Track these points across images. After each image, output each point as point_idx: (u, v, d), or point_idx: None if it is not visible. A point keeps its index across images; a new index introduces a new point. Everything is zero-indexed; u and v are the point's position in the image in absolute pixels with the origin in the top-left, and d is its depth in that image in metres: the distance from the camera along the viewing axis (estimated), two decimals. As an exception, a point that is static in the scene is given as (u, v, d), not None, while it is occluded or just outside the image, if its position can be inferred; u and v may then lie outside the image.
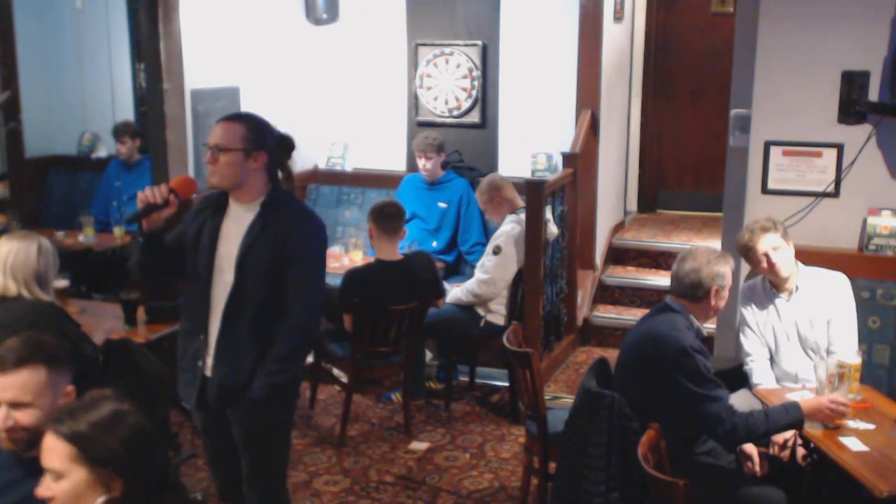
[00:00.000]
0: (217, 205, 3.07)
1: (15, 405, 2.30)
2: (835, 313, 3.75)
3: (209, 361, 3.04)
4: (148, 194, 2.92)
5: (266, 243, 2.95)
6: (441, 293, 4.93)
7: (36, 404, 2.32)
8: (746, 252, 3.77)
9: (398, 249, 4.81)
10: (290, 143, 3.20)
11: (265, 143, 3.00)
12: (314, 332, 3.13)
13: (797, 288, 3.78)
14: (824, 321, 3.75)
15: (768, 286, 3.84)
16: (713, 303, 3.29)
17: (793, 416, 3.15)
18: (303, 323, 3.00)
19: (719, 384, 3.16)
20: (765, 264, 3.73)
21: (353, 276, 4.69)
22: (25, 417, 2.31)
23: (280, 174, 3.12)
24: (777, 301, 3.81)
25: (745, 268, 4.22)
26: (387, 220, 4.73)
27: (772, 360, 3.83)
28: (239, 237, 2.99)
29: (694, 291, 3.28)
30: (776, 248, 3.71)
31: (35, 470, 2.33)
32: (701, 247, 3.41)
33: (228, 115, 3.13)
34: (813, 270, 3.82)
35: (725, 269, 3.28)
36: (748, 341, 3.85)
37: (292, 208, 3.05)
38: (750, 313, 3.87)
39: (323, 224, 3.13)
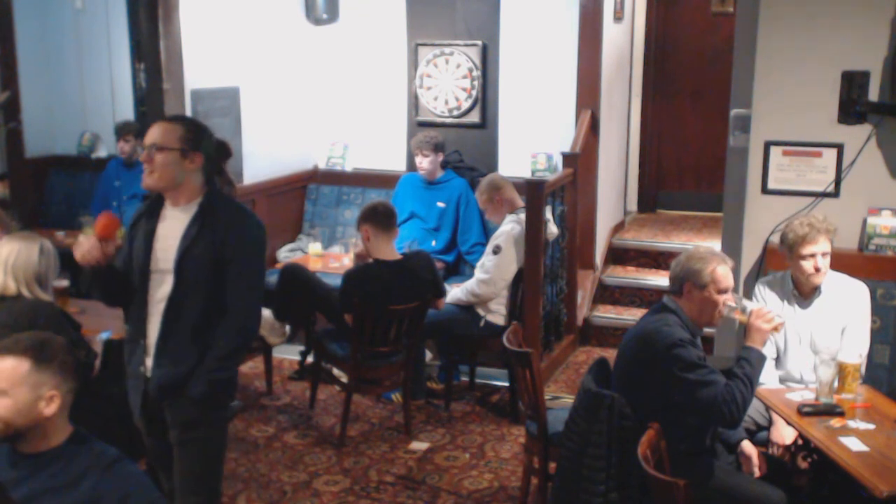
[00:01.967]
0: (151, 208, 3.06)
1: None
2: (850, 322, 3.73)
3: (149, 364, 3.03)
4: (82, 258, 2.93)
5: (204, 245, 2.95)
6: (441, 293, 4.93)
7: (9, 394, 2.30)
8: (797, 244, 3.67)
9: (395, 249, 4.81)
10: (228, 149, 3.22)
11: (202, 145, 3.01)
12: (254, 333, 3.16)
13: (819, 293, 3.77)
14: (839, 328, 3.73)
15: (791, 287, 3.81)
16: (690, 302, 3.25)
17: (757, 358, 3.16)
18: (243, 324, 3.01)
19: (713, 370, 3.15)
20: (811, 267, 3.68)
21: (353, 276, 4.69)
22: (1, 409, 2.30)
23: (219, 181, 3.11)
24: (796, 304, 3.79)
25: (745, 269, 4.22)
26: (383, 218, 4.72)
27: (777, 359, 3.82)
28: (175, 239, 2.98)
29: (672, 284, 3.32)
30: (826, 255, 3.69)
31: (35, 468, 2.33)
32: (703, 246, 3.41)
33: (167, 116, 3.13)
34: (836, 277, 3.79)
35: (703, 267, 3.22)
36: None
37: (230, 209, 3.04)
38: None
39: (262, 224, 3.12)
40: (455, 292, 5.16)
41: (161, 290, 2.99)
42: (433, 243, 5.98)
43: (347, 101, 6.80)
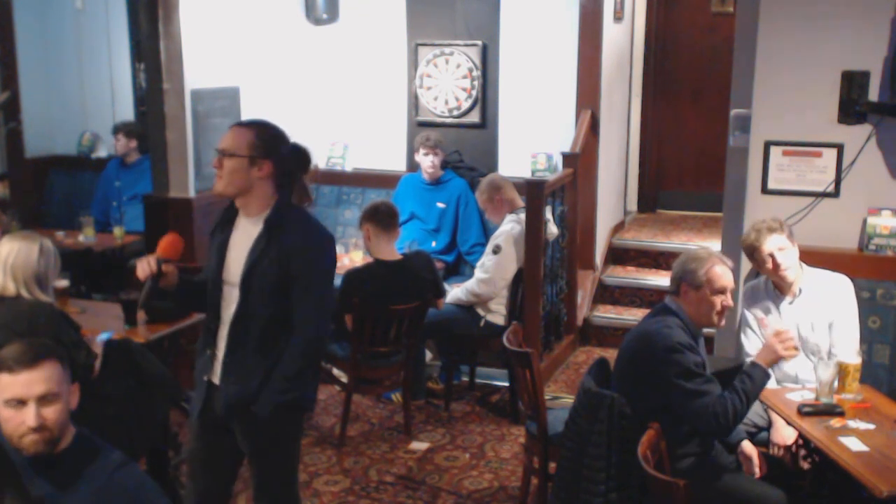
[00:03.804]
0: (228, 216, 3.00)
1: (43, 400, 2.27)
2: (837, 316, 3.74)
3: (216, 375, 2.99)
4: (139, 273, 2.88)
5: (270, 261, 2.86)
6: (441, 293, 4.93)
7: (62, 396, 2.31)
8: (752, 252, 3.75)
9: (396, 249, 4.81)
10: (307, 156, 3.08)
11: (273, 153, 2.89)
12: (322, 352, 3.08)
13: (800, 290, 3.77)
14: (826, 324, 3.74)
15: (771, 287, 3.83)
16: (687, 303, 3.26)
17: (760, 377, 3.14)
18: (309, 344, 2.92)
19: (709, 378, 3.15)
20: (770, 265, 3.71)
21: (353, 276, 4.69)
22: (52, 413, 2.28)
23: (295, 191, 3.00)
24: (779, 303, 3.80)
25: (744, 269, 4.22)
26: (385, 218, 4.73)
27: None
28: (245, 252, 2.90)
29: (671, 285, 3.34)
30: (782, 249, 3.69)
31: (41, 471, 2.32)
32: (703, 249, 3.41)
33: (242, 120, 3.04)
34: (816, 272, 3.81)
35: (698, 267, 3.23)
36: (749, 342, 3.84)
37: (298, 224, 2.92)
38: (751, 314, 3.86)
39: (331, 238, 3.02)
40: (455, 292, 5.16)
41: (231, 302, 2.93)
42: (433, 244, 5.98)
43: (347, 101, 6.80)
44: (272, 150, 2.89)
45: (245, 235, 2.93)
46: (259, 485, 3.08)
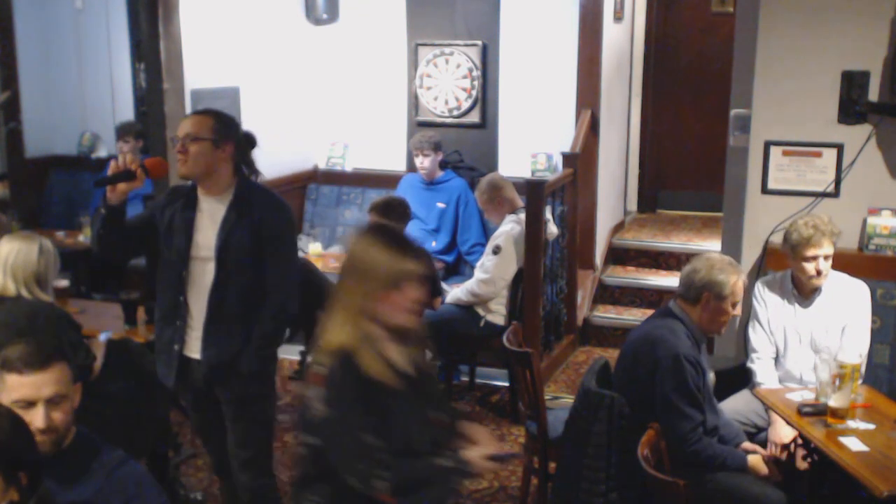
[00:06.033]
0: (187, 198, 3.19)
1: (52, 402, 2.27)
2: (850, 321, 3.72)
3: (192, 344, 3.18)
4: (120, 162, 3.07)
5: (243, 232, 3.10)
6: (437, 291, 4.92)
7: (69, 398, 2.31)
8: (800, 246, 3.65)
9: None
10: (253, 138, 3.33)
11: (234, 135, 3.16)
12: (295, 311, 3.27)
13: (820, 292, 3.76)
14: (839, 328, 3.72)
15: (790, 286, 3.80)
16: (705, 311, 3.25)
17: (738, 463, 3.23)
18: (284, 304, 3.17)
19: (697, 403, 3.15)
20: (813, 269, 3.66)
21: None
22: (60, 415, 2.28)
23: (245, 169, 3.24)
24: (796, 303, 3.78)
25: (745, 269, 4.21)
26: (395, 217, 4.73)
27: (776, 359, 3.81)
28: (214, 228, 3.12)
29: (686, 290, 3.29)
30: (828, 258, 3.67)
31: (45, 469, 2.32)
32: (718, 255, 3.39)
33: (195, 110, 3.29)
34: (835, 276, 3.78)
35: (726, 279, 3.22)
36: (757, 337, 3.81)
37: (263, 194, 3.21)
38: (763, 310, 3.82)
39: (292, 209, 3.31)
40: (455, 292, 5.16)
41: (203, 277, 3.14)
42: (433, 244, 5.98)
43: (347, 101, 6.80)
44: (232, 132, 3.17)
45: (211, 213, 3.15)
46: (239, 450, 3.23)
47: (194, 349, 3.19)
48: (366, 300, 2.24)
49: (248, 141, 3.29)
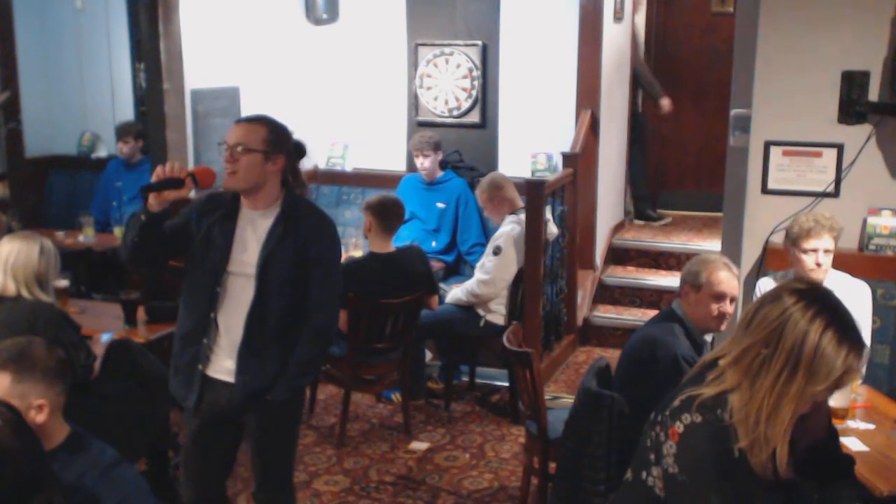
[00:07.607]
0: (229, 209, 2.98)
1: None
2: None
3: (217, 364, 2.99)
4: (167, 169, 2.84)
5: (287, 250, 2.92)
6: (434, 289, 4.92)
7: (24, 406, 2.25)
8: (800, 238, 3.66)
9: (391, 244, 4.81)
10: (303, 149, 3.17)
11: (285, 147, 2.96)
12: (333, 337, 3.15)
13: None
14: None
15: None
16: (688, 305, 3.28)
17: None
18: (324, 329, 3.02)
19: None
20: (812, 262, 3.67)
21: (345, 270, 4.67)
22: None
23: (293, 182, 3.05)
24: None
25: (745, 270, 4.22)
26: (390, 217, 4.73)
27: None
28: (257, 243, 2.93)
29: (679, 287, 3.35)
30: (828, 252, 3.68)
31: None
32: (716, 254, 3.42)
33: (248, 116, 3.06)
34: (837, 275, 3.78)
35: (700, 269, 3.25)
36: None
37: (311, 214, 3.03)
38: None
39: (335, 225, 3.13)
40: (455, 292, 5.16)
41: (241, 295, 2.94)
42: (433, 244, 5.98)
43: (347, 101, 6.80)
44: (284, 144, 2.97)
45: (254, 228, 2.96)
46: (263, 474, 3.11)
47: (219, 370, 2.98)
48: (796, 395, 1.90)
49: (298, 152, 3.11)
